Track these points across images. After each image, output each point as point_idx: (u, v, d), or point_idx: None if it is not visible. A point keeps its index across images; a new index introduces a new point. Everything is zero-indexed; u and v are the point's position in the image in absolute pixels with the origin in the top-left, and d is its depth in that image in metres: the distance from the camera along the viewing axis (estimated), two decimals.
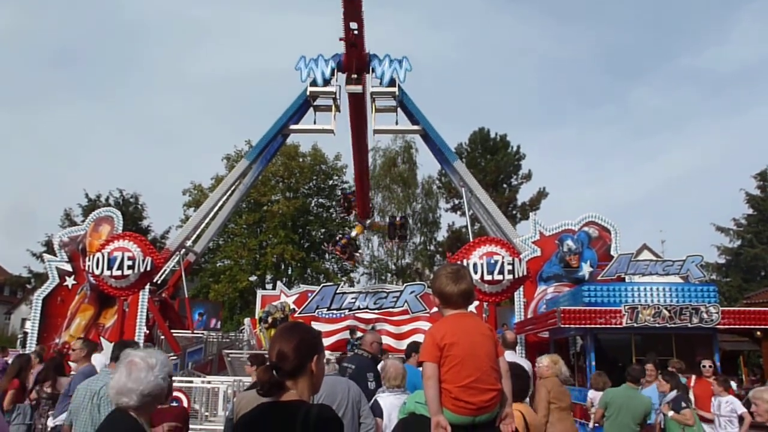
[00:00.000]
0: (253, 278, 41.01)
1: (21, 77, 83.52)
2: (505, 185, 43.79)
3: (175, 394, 9.31)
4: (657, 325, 11.83)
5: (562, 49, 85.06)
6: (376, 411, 5.27)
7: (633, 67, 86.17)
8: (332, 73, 19.45)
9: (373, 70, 19.30)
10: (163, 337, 18.94)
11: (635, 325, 11.89)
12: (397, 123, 20.55)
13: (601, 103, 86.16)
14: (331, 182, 44.47)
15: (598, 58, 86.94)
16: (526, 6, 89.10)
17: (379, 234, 39.85)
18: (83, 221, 22.09)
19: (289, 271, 42.04)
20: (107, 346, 10.77)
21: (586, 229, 17.98)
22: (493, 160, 43.20)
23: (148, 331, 18.16)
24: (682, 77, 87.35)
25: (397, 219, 27.95)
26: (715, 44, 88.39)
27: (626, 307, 11.98)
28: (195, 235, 22.31)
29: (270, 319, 19.63)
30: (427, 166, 46.44)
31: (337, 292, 23.19)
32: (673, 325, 11.83)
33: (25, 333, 19.73)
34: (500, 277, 14.27)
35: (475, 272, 14.06)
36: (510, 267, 14.29)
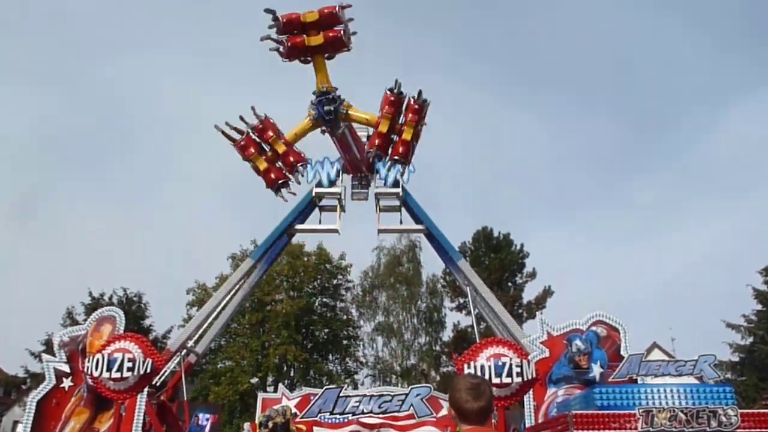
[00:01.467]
0: (254, 380, 39.95)
1: (23, 171, 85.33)
2: (509, 284, 43.59)
3: None
4: (674, 429, 11.37)
5: (562, 147, 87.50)
6: None
7: (632, 162, 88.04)
8: (337, 175, 20.04)
9: (377, 172, 19.87)
10: None
11: (651, 429, 11.42)
12: (401, 222, 20.90)
13: (603, 199, 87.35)
14: (335, 281, 44.34)
15: (597, 154, 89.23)
16: (526, 107, 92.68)
17: (384, 335, 39.27)
18: (85, 320, 21.88)
19: (292, 373, 41.02)
20: None
21: (594, 328, 17.67)
22: (497, 259, 43.27)
23: None
24: (680, 172, 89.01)
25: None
26: (705, 135, 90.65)
27: (641, 411, 11.56)
28: (197, 335, 21.99)
29: (270, 424, 18.95)
30: (431, 264, 46.56)
31: (341, 395, 22.47)
32: (690, 429, 11.36)
33: None
34: (509, 380, 13.93)
35: (483, 375, 13.72)
36: (519, 369, 13.97)
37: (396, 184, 19.66)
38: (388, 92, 17.11)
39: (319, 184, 19.91)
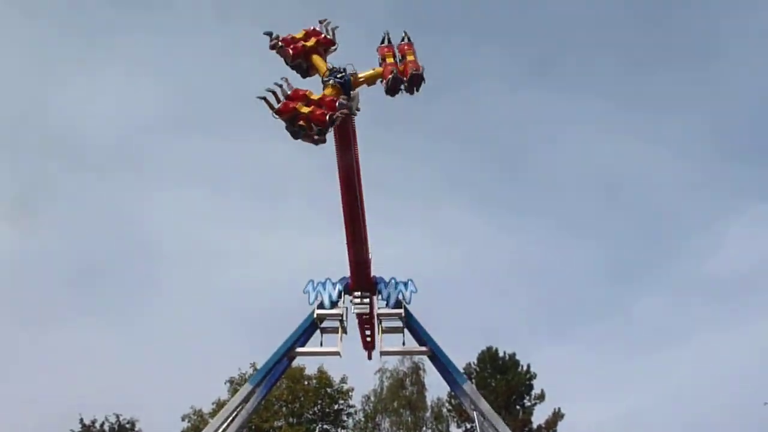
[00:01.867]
0: None
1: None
2: (518, 406, 42.39)
3: None
4: None
5: (564, 264, 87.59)
6: None
7: (635, 278, 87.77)
8: (339, 296, 19.97)
9: (379, 292, 19.92)
10: None
11: None
12: (404, 344, 20.52)
13: (608, 316, 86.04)
14: (337, 406, 42.90)
15: (600, 270, 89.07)
16: (525, 224, 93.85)
17: None
18: None
19: None
20: None
21: None
22: (504, 380, 42.33)
23: None
24: (684, 286, 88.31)
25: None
26: (709, 253, 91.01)
27: None
28: None
29: None
30: (436, 387, 45.19)
31: None
32: None
33: None
34: None
35: None
36: None
37: (398, 304, 19.63)
38: (381, 45, 17.43)
39: (321, 306, 19.81)
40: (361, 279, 19.84)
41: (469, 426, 39.96)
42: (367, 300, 19.93)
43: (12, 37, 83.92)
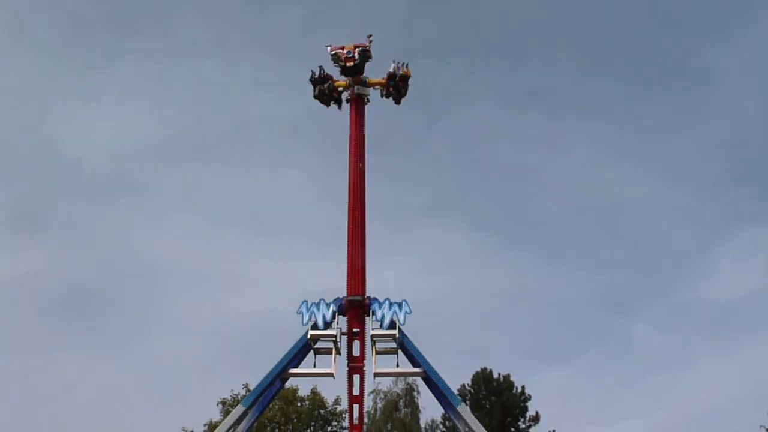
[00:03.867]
0: None
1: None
2: (512, 428, 42.11)
3: None
4: None
5: (559, 289, 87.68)
6: None
7: (629, 304, 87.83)
8: (333, 317, 20.12)
9: (373, 313, 20.04)
10: None
11: None
12: (398, 365, 20.49)
13: (603, 341, 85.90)
14: (330, 428, 42.44)
15: (595, 295, 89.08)
16: (519, 249, 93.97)
17: None
18: None
19: None
20: None
21: None
22: (499, 402, 42.07)
23: None
24: (679, 312, 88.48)
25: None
26: (704, 279, 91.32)
27: None
28: None
29: None
30: (430, 409, 44.82)
31: None
32: None
33: None
34: None
35: None
36: None
37: (392, 325, 19.68)
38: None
39: (315, 326, 19.86)
40: (358, 286, 20.51)
41: None
42: None
43: (9, 62, 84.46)
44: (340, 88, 22.54)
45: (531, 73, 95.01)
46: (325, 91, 22.32)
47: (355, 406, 21.28)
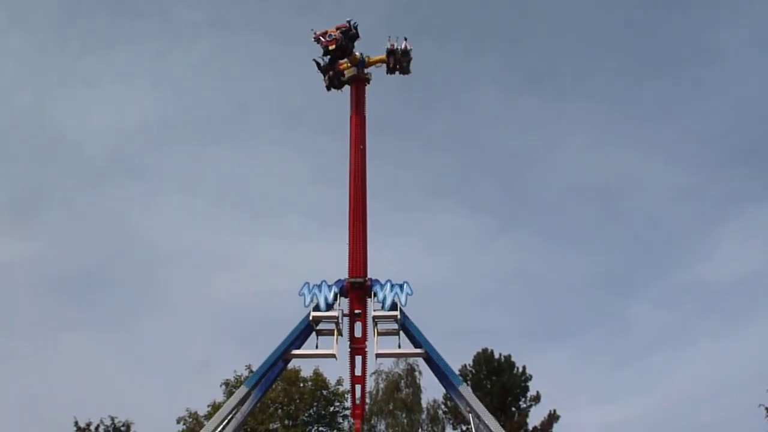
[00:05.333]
0: None
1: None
2: (513, 408, 42.39)
3: None
4: None
5: (559, 270, 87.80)
6: None
7: (628, 284, 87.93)
8: (335, 298, 20.20)
9: (375, 295, 20.17)
10: None
11: None
12: (399, 346, 20.64)
13: (603, 321, 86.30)
14: (332, 408, 42.81)
15: (595, 276, 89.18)
16: (520, 229, 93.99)
17: None
18: None
19: None
20: None
21: None
22: (499, 382, 42.35)
23: None
24: (678, 292, 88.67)
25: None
26: (703, 259, 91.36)
27: None
28: None
29: None
30: (431, 389, 45.13)
31: None
32: None
33: None
34: None
35: None
36: None
37: (394, 306, 19.77)
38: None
39: (317, 308, 19.95)
40: (359, 268, 20.64)
41: (464, 428, 39.92)
42: None
43: (7, 45, 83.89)
44: (344, 71, 22.44)
45: (531, 55, 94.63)
46: (332, 77, 22.31)
47: (357, 387, 21.45)
